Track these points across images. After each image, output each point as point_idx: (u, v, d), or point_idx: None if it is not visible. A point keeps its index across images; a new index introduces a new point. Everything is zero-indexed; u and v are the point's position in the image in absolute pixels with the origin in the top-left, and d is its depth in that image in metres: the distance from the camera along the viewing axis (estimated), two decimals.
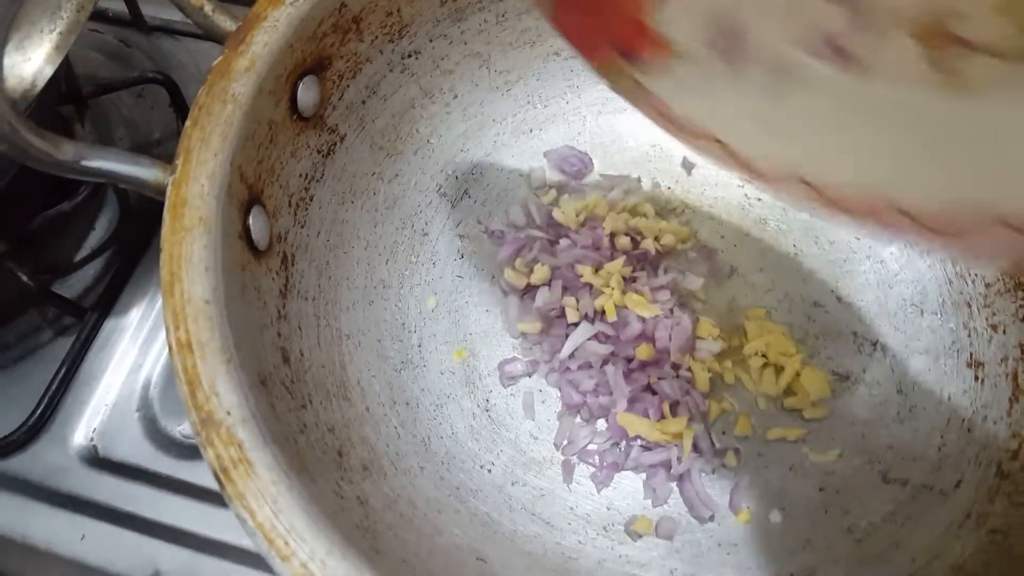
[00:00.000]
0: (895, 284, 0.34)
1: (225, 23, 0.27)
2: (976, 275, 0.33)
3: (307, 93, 0.29)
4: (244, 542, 0.33)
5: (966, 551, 0.27)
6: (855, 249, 0.35)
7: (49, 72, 0.27)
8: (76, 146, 0.24)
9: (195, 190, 0.24)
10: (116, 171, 0.24)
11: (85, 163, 0.24)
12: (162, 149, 0.42)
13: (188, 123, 0.25)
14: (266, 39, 0.27)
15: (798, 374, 0.32)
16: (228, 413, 0.21)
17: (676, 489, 0.31)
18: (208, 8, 0.27)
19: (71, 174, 0.24)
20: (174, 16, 0.47)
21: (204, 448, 0.21)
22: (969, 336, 0.32)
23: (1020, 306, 0.31)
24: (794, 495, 0.30)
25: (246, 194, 0.26)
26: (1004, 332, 0.31)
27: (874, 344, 0.33)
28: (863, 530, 0.29)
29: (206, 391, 0.22)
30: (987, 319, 0.32)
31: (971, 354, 0.32)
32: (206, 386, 0.22)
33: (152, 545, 0.34)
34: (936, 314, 0.33)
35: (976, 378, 0.31)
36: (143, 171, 0.25)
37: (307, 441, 0.25)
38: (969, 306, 0.33)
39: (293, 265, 0.29)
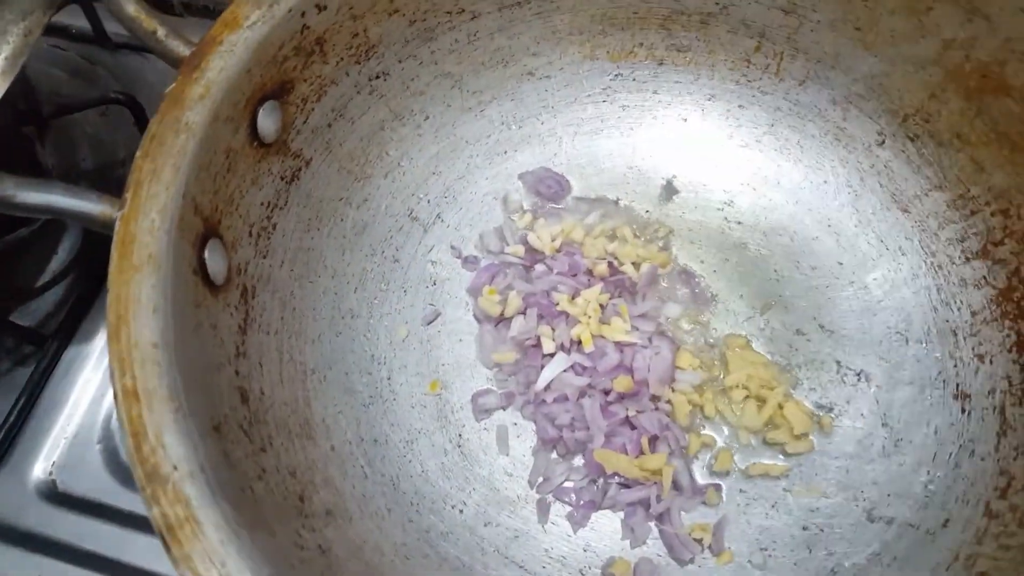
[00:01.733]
0: (879, 311, 0.33)
1: (179, 48, 0.26)
2: (962, 303, 0.32)
3: (268, 119, 0.28)
4: None
5: None
6: (837, 275, 0.34)
7: None
8: (18, 182, 0.22)
9: (145, 226, 0.23)
10: (59, 206, 0.23)
11: (25, 199, 0.22)
12: (126, 170, 0.41)
13: (138, 154, 0.24)
14: (222, 64, 0.25)
15: (781, 407, 0.31)
16: (175, 467, 0.20)
17: (655, 529, 0.29)
18: (161, 33, 0.26)
19: (10, 211, 0.22)
20: None
21: (149, 506, 0.20)
22: (955, 366, 0.31)
23: (1007, 336, 0.31)
24: (777, 534, 0.29)
25: (201, 227, 0.25)
26: (991, 363, 0.31)
27: (858, 374, 0.32)
28: (848, 571, 0.28)
29: (152, 443, 0.20)
30: (973, 348, 0.31)
31: (957, 385, 0.31)
32: (152, 437, 0.20)
33: None
34: (921, 343, 0.32)
35: (963, 411, 0.31)
36: (90, 205, 0.23)
37: (266, 488, 0.24)
38: (955, 335, 0.32)
39: (254, 298, 0.28)
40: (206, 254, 0.25)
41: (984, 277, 0.32)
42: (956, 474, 0.29)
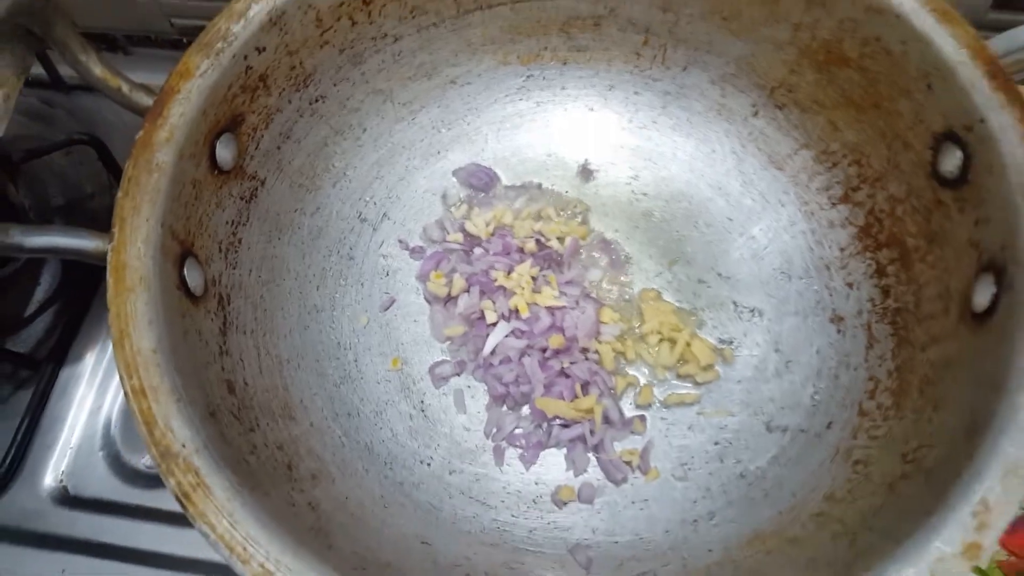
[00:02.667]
0: (765, 256, 0.39)
1: (143, 99, 0.30)
2: (832, 241, 0.38)
3: (225, 149, 0.32)
4: (210, 556, 0.36)
5: (836, 482, 0.32)
6: (729, 229, 0.40)
7: None
8: (22, 229, 0.26)
9: (133, 253, 0.27)
10: (60, 246, 0.27)
11: (31, 243, 0.26)
12: (96, 202, 0.45)
13: (120, 194, 0.28)
14: (181, 110, 0.29)
15: (689, 344, 0.37)
16: (183, 445, 0.25)
17: (593, 458, 0.35)
18: (125, 88, 0.30)
19: (19, 254, 0.27)
20: None
21: (166, 478, 0.24)
22: (830, 295, 0.37)
23: (869, 265, 0.37)
24: (694, 451, 0.35)
25: (179, 249, 0.29)
26: (859, 289, 0.37)
27: (752, 311, 0.38)
28: (753, 474, 0.34)
29: (162, 429, 0.25)
30: (844, 278, 0.37)
31: (833, 310, 0.37)
32: (162, 424, 0.25)
33: (127, 570, 0.37)
34: (802, 278, 0.38)
35: (839, 331, 0.37)
36: (84, 242, 0.27)
37: (258, 460, 0.29)
38: (828, 269, 0.38)
39: (229, 304, 0.32)
40: (185, 271, 0.30)
41: (847, 218, 0.38)
42: (836, 384, 0.35)
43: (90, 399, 0.41)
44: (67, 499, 0.38)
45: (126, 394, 0.25)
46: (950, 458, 0.27)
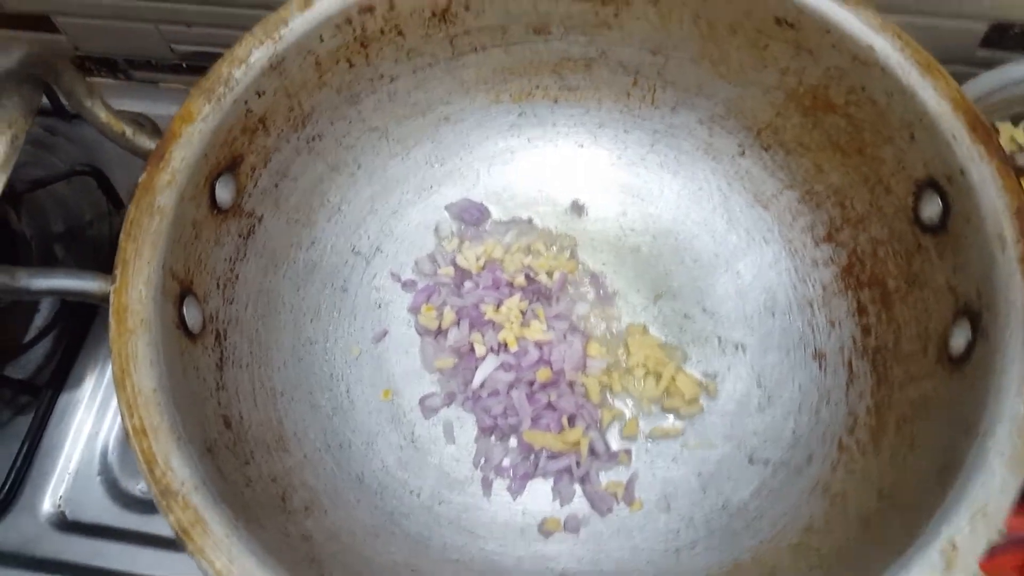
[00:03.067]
0: (750, 292, 0.40)
1: (146, 143, 0.31)
2: (815, 279, 0.39)
3: (224, 190, 0.33)
4: None
5: (814, 514, 0.33)
6: (714, 265, 0.41)
7: None
8: (28, 272, 0.27)
9: (134, 295, 0.28)
10: (64, 288, 0.28)
11: (36, 285, 0.27)
12: (95, 230, 0.46)
13: (122, 236, 0.29)
14: (183, 154, 0.31)
15: (674, 379, 0.38)
16: (182, 484, 0.26)
17: (579, 490, 0.36)
18: (129, 132, 0.31)
19: (25, 297, 0.28)
20: None
21: (166, 514, 0.25)
22: (813, 332, 0.38)
23: (850, 303, 0.38)
24: (678, 482, 0.36)
25: (178, 289, 0.30)
26: (839, 326, 0.38)
27: (736, 346, 0.39)
28: (735, 505, 0.35)
29: (162, 467, 0.26)
30: (826, 316, 0.38)
31: (815, 347, 0.38)
32: (162, 463, 0.26)
33: None
34: (785, 315, 0.39)
35: (820, 367, 0.38)
36: (88, 284, 0.28)
37: (253, 493, 0.30)
38: (811, 306, 0.39)
39: (226, 339, 0.33)
40: (184, 309, 0.31)
41: (830, 257, 0.39)
42: (817, 419, 0.36)
43: (88, 424, 0.42)
44: (65, 524, 0.39)
45: (127, 433, 0.26)
46: (922, 497, 0.28)
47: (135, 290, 0.28)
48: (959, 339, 0.30)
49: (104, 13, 0.51)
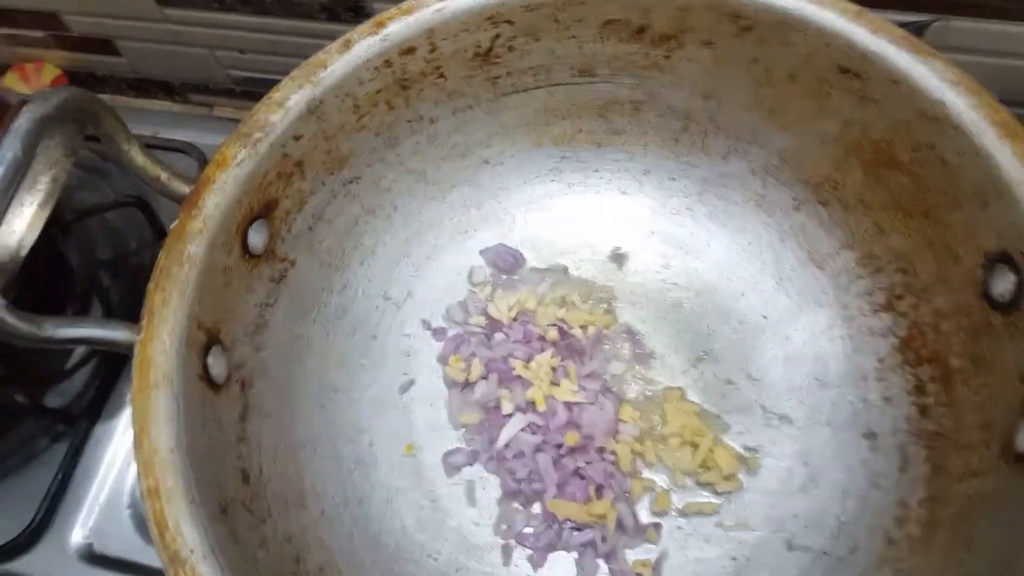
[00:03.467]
0: (799, 360, 0.37)
1: (180, 188, 0.31)
2: (871, 351, 0.36)
3: (257, 235, 0.33)
4: None
5: None
6: (763, 328, 0.38)
7: (31, 240, 0.30)
8: (55, 322, 0.27)
9: (158, 348, 0.28)
10: (92, 337, 0.28)
11: (64, 336, 0.28)
12: (138, 259, 0.46)
13: (151, 285, 0.29)
14: (216, 200, 0.30)
15: (712, 451, 0.35)
16: (191, 551, 0.25)
17: (604, 566, 0.34)
18: (164, 177, 0.31)
19: (54, 346, 0.28)
20: (143, 131, 0.51)
21: None
22: (865, 408, 0.36)
23: (908, 380, 0.35)
24: (710, 564, 0.34)
25: (204, 339, 0.30)
26: (895, 405, 0.35)
27: (781, 417, 0.37)
28: None
29: (172, 532, 0.25)
30: (880, 392, 0.36)
31: (867, 425, 0.35)
32: (172, 528, 0.25)
33: None
34: (837, 387, 0.37)
35: (871, 448, 0.35)
36: (114, 334, 0.28)
37: (266, 555, 0.29)
38: (865, 380, 0.36)
39: (252, 388, 0.33)
40: (209, 359, 0.30)
41: (889, 327, 0.36)
42: (864, 506, 0.34)
43: (121, 456, 0.42)
44: (92, 556, 0.39)
45: (141, 494, 0.26)
46: None
47: (160, 342, 0.27)
48: None
49: (163, 38, 0.52)
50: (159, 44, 0.53)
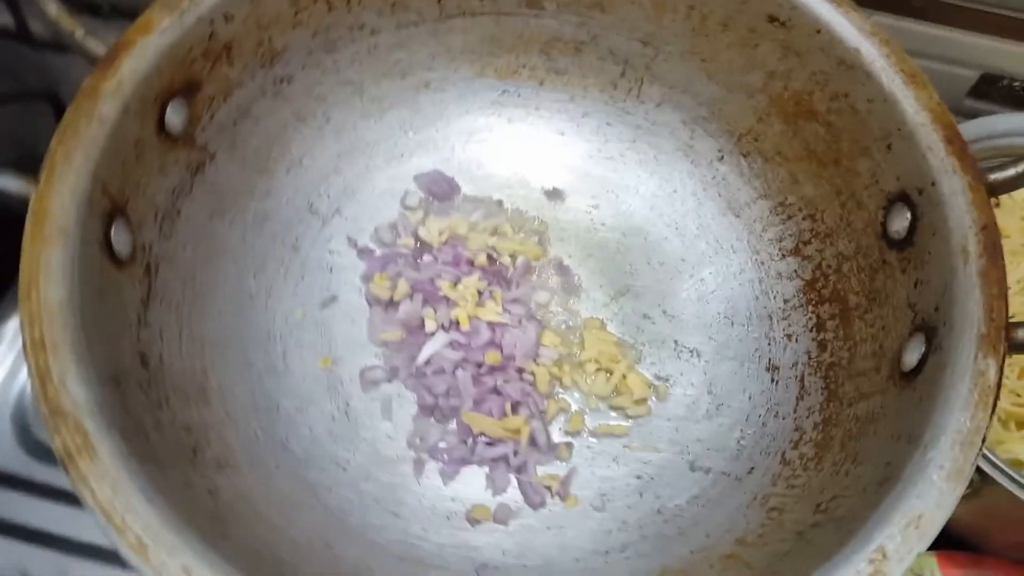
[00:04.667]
0: (711, 300, 0.39)
1: (96, 48, 0.29)
2: (777, 292, 0.38)
3: (175, 114, 0.31)
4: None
5: (749, 526, 0.32)
6: (680, 269, 0.40)
7: None
8: None
9: (56, 202, 0.26)
10: None
11: None
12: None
13: (54, 141, 0.27)
14: (134, 65, 0.29)
15: (624, 377, 0.36)
16: (75, 405, 0.23)
17: (515, 480, 0.34)
18: (79, 34, 0.29)
19: None
20: None
21: (52, 436, 0.23)
22: (769, 344, 0.37)
23: (810, 319, 0.37)
24: (616, 482, 0.35)
25: (108, 206, 0.28)
26: (797, 341, 0.37)
27: (691, 351, 0.38)
28: (671, 511, 0.34)
29: (55, 385, 0.23)
30: (784, 330, 0.38)
31: (770, 359, 0.37)
32: (56, 380, 0.23)
33: (20, 549, 0.35)
34: (744, 325, 0.38)
35: (772, 380, 0.37)
36: (6, 182, 0.26)
37: (160, 437, 0.27)
38: (771, 319, 0.38)
39: (157, 275, 0.31)
40: (112, 231, 0.28)
41: (795, 271, 0.38)
42: (763, 431, 0.35)
43: (8, 363, 0.39)
44: None
45: (24, 346, 0.24)
46: (859, 508, 0.27)
47: (58, 196, 0.26)
48: (912, 354, 0.30)
49: None
50: None
